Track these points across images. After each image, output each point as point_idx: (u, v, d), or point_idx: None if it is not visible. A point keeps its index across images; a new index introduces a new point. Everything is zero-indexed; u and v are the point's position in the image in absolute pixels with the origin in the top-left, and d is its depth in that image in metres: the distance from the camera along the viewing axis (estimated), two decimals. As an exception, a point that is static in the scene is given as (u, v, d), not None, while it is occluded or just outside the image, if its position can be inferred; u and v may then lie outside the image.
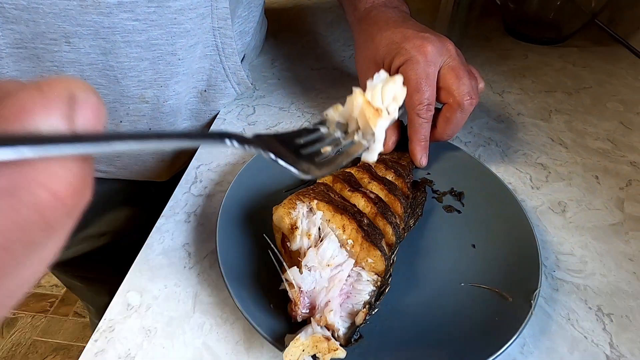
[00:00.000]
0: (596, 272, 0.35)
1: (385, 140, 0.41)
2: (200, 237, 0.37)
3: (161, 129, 0.47)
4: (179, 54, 0.42)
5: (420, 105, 0.38)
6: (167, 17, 0.40)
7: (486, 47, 0.68)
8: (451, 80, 0.38)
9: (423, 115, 0.38)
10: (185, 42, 0.42)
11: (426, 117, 0.38)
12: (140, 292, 0.33)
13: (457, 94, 0.37)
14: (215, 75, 0.48)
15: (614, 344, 0.30)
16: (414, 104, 0.38)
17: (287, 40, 0.68)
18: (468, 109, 0.38)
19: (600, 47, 0.68)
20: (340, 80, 0.58)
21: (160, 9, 0.39)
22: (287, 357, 0.25)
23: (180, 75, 0.44)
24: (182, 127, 0.50)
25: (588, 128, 0.51)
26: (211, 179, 0.42)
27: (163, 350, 0.29)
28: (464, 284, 0.33)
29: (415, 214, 0.37)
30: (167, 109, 0.46)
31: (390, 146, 0.41)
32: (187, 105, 0.48)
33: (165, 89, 0.44)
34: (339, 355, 0.26)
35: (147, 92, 0.44)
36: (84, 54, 0.39)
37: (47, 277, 1.41)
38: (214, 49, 0.46)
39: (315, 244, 0.29)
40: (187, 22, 0.41)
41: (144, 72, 0.42)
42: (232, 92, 0.51)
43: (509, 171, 0.44)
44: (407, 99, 0.38)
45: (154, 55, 0.41)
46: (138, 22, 0.39)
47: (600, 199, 0.42)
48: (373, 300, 0.29)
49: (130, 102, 0.44)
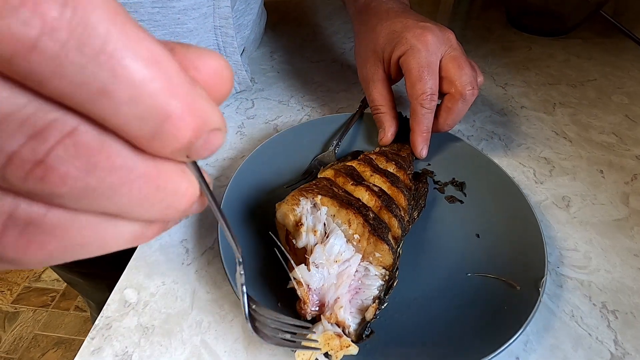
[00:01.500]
0: (601, 268, 0.34)
1: (385, 132, 0.40)
2: (198, 234, 0.36)
3: None
4: None
5: (424, 94, 0.37)
6: (170, 18, 0.40)
7: (489, 39, 0.67)
8: (453, 70, 0.37)
9: (426, 105, 0.37)
10: (188, 42, 0.41)
11: (429, 107, 0.37)
12: (138, 289, 0.32)
13: (459, 83, 0.37)
14: None
15: (619, 341, 0.30)
16: (416, 94, 0.37)
17: (286, 33, 0.67)
18: (470, 99, 0.37)
19: (605, 39, 0.67)
20: (339, 73, 0.57)
21: (164, 10, 0.39)
22: (299, 357, 0.25)
23: None
24: None
25: (592, 121, 0.50)
26: (210, 174, 0.42)
27: (161, 348, 0.29)
28: (470, 274, 0.32)
29: (419, 205, 0.36)
30: None
31: (389, 138, 0.41)
32: None
33: None
34: (352, 352, 0.26)
35: None
36: None
37: (48, 272, 1.41)
38: (215, 47, 0.46)
39: (322, 240, 0.29)
40: (190, 22, 0.41)
41: None
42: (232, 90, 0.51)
43: (512, 165, 0.44)
44: (410, 89, 0.37)
45: None
46: (142, 23, 0.39)
47: (605, 194, 0.41)
48: (382, 295, 0.28)
49: None
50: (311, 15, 0.72)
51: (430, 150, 0.43)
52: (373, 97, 0.41)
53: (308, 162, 0.41)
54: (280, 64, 0.59)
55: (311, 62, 0.59)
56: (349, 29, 0.68)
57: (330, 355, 0.25)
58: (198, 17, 0.42)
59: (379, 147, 0.42)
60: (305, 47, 0.63)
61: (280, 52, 0.61)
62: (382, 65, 0.40)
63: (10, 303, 1.33)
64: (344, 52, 0.62)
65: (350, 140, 0.44)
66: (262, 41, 0.64)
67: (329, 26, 0.69)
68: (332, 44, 0.64)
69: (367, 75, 0.42)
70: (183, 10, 0.40)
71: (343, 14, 0.72)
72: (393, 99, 0.41)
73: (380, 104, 0.41)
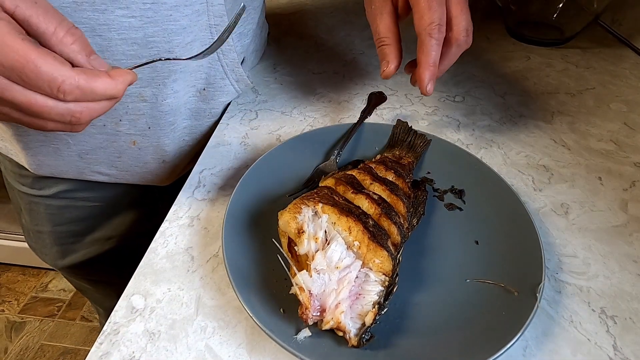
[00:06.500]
0: (600, 274, 0.35)
1: (387, 64, 0.39)
2: (204, 241, 0.37)
3: (160, 128, 0.48)
4: (176, 52, 0.42)
5: (432, 24, 0.36)
6: (162, 14, 0.40)
7: (488, 50, 0.68)
8: (455, 12, 0.37)
9: (435, 36, 0.36)
10: (182, 40, 0.42)
11: (438, 38, 0.36)
12: (145, 296, 0.33)
13: (456, 28, 0.37)
14: (214, 73, 0.49)
15: (618, 347, 0.30)
16: (424, 24, 0.36)
17: (289, 45, 0.68)
18: (463, 46, 0.37)
19: (604, 48, 0.68)
20: (341, 84, 0.59)
21: (155, 5, 0.39)
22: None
23: (178, 74, 0.44)
24: (182, 126, 0.50)
25: (591, 129, 0.51)
26: (214, 183, 0.43)
27: (166, 353, 0.30)
28: (469, 280, 0.33)
29: (418, 212, 0.37)
30: (166, 107, 0.46)
31: (392, 70, 0.39)
32: (186, 104, 0.48)
33: (163, 87, 0.44)
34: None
35: (146, 91, 0.44)
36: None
37: (54, 282, 1.43)
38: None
39: (323, 247, 0.30)
40: (183, 19, 0.41)
41: (142, 70, 0.42)
42: (231, 90, 0.51)
43: (511, 173, 0.44)
44: (418, 20, 0.36)
45: (150, 52, 0.41)
46: (134, 19, 0.39)
47: (604, 201, 0.41)
48: (382, 300, 0.29)
49: (129, 100, 0.44)
50: (313, 28, 0.74)
51: (430, 158, 0.44)
52: (379, 29, 0.39)
53: (310, 172, 0.42)
54: (283, 76, 0.60)
55: (313, 74, 0.61)
56: (350, 42, 0.69)
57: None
58: (191, 14, 0.41)
59: (379, 154, 0.43)
60: (308, 60, 0.64)
61: (283, 65, 0.63)
62: (390, 0, 0.40)
63: (17, 313, 1.34)
64: (345, 64, 0.63)
65: (352, 149, 0.45)
66: (266, 54, 0.65)
67: (330, 39, 0.71)
68: (334, 56, 0.65)
69: (375, 9, 0.40)
70: (175, 7, 0.40)
71: (344, 27, 0.74)
72: (399, 33, 0.40)
73: (385, 36, 0.39)
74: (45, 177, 0.53)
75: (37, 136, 0.47)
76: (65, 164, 0.50)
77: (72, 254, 0.60)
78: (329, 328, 0.28)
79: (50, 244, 0.59)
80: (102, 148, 0.48)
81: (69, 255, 0.60)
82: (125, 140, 0.48)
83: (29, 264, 1.44)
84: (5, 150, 0.53)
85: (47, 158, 0.49)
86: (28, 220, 0.59)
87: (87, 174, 0.52)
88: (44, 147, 0.48)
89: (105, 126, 0.46)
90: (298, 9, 0.81)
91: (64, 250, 0.60)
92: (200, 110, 0.51)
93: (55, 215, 0.57)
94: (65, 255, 0.60)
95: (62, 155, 0.49)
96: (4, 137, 0.50)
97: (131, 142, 0.48)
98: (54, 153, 0.49)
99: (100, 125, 0.46)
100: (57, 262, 0.61)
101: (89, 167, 0.51)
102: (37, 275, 1.45)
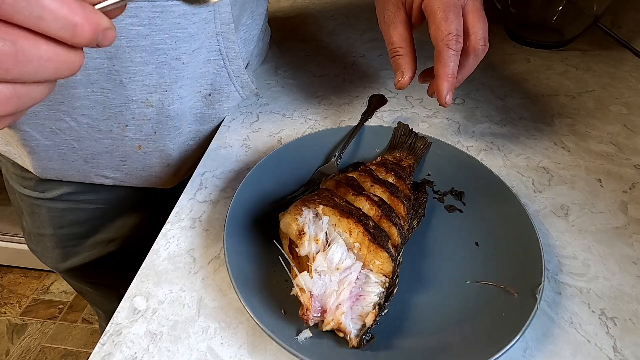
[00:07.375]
0: (599, 276, 0.35)
1: (402, 74, 0.39)
2: (205, 243, 0.37)
3: (166, 133, 0.48)
4: (183, 59, 0.43)
5: (450, 35, 0.35)
6: (170, 22, 0.40)
7: (488, 52, 0.67)
8: (472, 22, 0.36)
9: (452, 47, 0.36)
10: (189, 47, 0.43)
11: (456, 49, 0.36)
12: (147, 297, 0.33)
13: (474, 37, 0.36)
14: (220, 80, 0.49)
15: (618, 348, 0.30)
16: (441, 35, 0.35)
17: (290, 49, 0.69)
18: (481, 55, 0.37)
19: (603, 51, 0.68)
20: (342, 87, 0.59)
21: (164, 14, 0.39)
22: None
23: (185, 80, 0.45)
24: (187, 131, 0.50)
25: (591, 131, 0.51)
26: (216, 185, 0.43)
27: (168, 354, 0.30)
28: (469, 281, 0.33)
29: (418, 214, 0.37)
30: (172, 113, 0.47)
31: (407, 81, 0.39)
32: (192, 110, 0.49)
33: (170, 93, 0.45)
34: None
35: (152, 97, 0.44)
36: (90, 58, 0.40)
37: (56, 284, 1.43)
38: (218, 53, 0.47)
39: (323, 248, 0.30)
40: (191, 27, 0.42)
41: (149, 76, 0.43)
42: (236, 96, 0.52)
43: (511, 175, 0.45)
44: (434, 30, 0.36)
45: (158, 59, 0.42)
46: (142, 27, 0.39)
47: (604, 202, 0.42)
48: (382, 301, 0.29)
49: (135, 106, 0.45)
50: (314, 31, 0.75)
51: (430, 161, 0.44)
52: (393, 39, 0.39)
53: (311, 174, 0.42)
54: (285, 78, 0.61)
55: (314, 77, 0.61)
56: (351, 45, 0.70)
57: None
58: (198, 21, 0.42)
59: (380, 156, 0.44)
60: (309, 63, 0.65)
61: (285, 68, 0.63)
62: (403, 8, 0.39)
63: (19, 315, 1.34)
64: (346, 67, 0.64)
65: (352, 151, 0.45)
66: (267, 57, 0.66)
67: (331, 42, 0.71)
68: (335, 59, 0.66)
69: (388, 19, 0.40)
70: (183, 15, 0.40)
71: (345, 30, 0.75)
72: (413, 43, 0.39)
73: (400, 46, 0.39)
74: (48, 180, 0.53)
75: (43, 141, 0.47)
76: (70, 168, 0.51)
77: (74, 257, 0.60)
78: (330, 329, 0.28)
79: (51, 246, 0.59)
80: (107, 152, 0.49)
81: (70, 258, 0.60)
82: (131, 145, 0.48)
83: (30, 266, 1.45)
84: (9, 154, 0.53)
85: (53, 162, 0.50)
86: (29, 222, 0.59)
87: (91, 178, 0.52)
88: (50, 152, 0.48)
89: (112, 131, 0.46)
90: (299, 13, 0.82)
91: (66, 253, 0.60)
92: (205, 116, 0.51)
93: (57, 218, 0.57)
94: (66, 258, 0.60)
95: (68, 160, 0.49)
96: (9, 141, 0.50)
97: (137, 146, 0.48)
98: (59, 158, 0.49)
99: (107, 130, 0.46)
100: (58, 265, 0.61)
101: (94, 170, 0.51)
102: (39, 278, 1.45)
